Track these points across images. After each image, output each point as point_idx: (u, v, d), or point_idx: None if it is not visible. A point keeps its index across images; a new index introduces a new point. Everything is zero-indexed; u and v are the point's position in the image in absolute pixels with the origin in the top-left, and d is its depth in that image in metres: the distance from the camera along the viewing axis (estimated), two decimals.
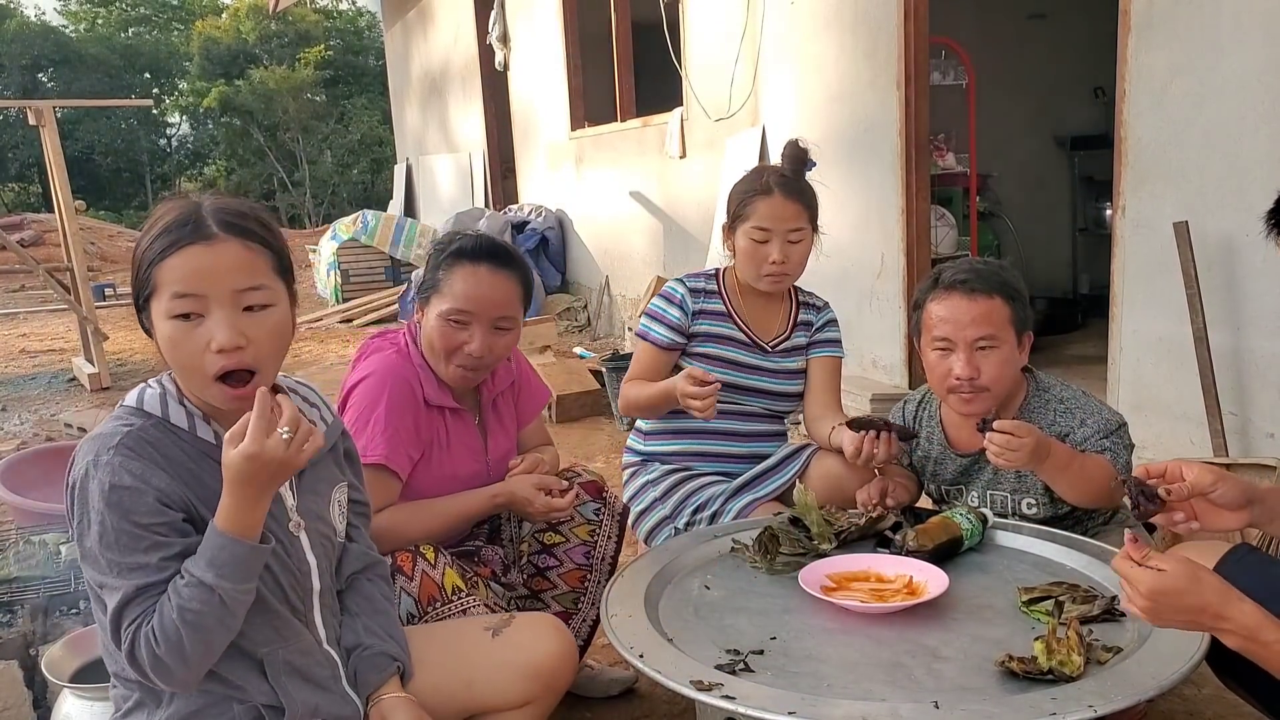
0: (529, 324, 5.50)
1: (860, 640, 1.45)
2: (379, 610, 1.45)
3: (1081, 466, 1.76)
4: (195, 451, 1.26)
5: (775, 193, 2.11)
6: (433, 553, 1.70)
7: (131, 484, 1.18)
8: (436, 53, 10.28)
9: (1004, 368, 1.82)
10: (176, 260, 1.19)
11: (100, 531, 1.17)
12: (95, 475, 1.18)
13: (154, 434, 1.24)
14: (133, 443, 1.21)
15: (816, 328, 2.28)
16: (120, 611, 1.18)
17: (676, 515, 2.14)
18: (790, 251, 2.12)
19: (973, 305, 1.80)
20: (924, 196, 3.94)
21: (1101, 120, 5.78)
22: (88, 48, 24.60)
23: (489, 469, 1.90)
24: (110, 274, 12.88)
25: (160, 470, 1.21)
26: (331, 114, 23.74)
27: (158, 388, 1.29)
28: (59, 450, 3.23)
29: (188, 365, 1.22)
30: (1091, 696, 1.23)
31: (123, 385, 5.89)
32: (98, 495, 1.18)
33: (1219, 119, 2.67)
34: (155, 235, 1.21)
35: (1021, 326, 1.85)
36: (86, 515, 1.18)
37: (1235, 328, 2.71)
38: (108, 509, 1.17)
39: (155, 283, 1.20)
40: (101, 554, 1.18)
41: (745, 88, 4.91)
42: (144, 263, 1.21)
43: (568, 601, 1.96)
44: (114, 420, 1.25)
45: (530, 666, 1.47)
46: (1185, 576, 1.15)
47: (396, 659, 1.39)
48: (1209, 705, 1.96)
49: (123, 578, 1.17)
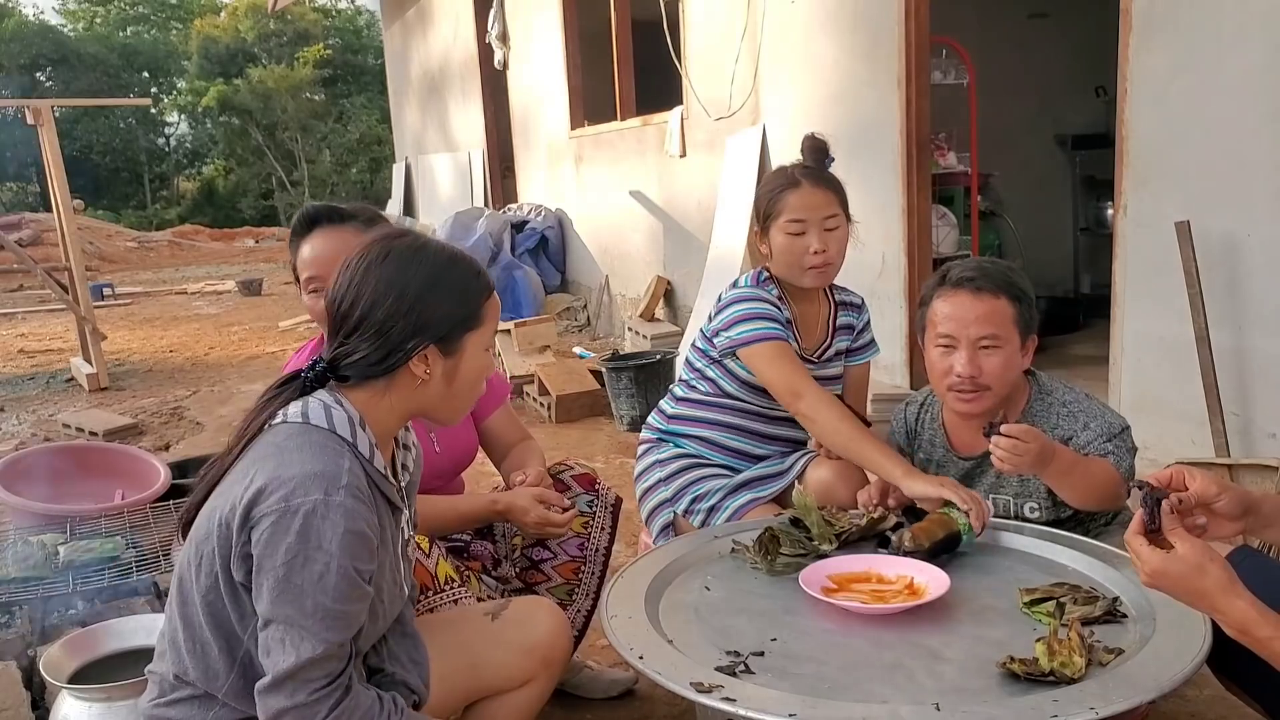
0: (528, 323, 5.50)
1: (861, 642, 1.44)
2: (407, 634, 1.44)
3: (1085, 470, 1.75)
4: (371, 482, 1.25)
5: (803, 183, 2.08)
6: (427, 543, 1.71)
7: (365, 531, 1.18)
8: (435, 51, 10.27)
9: (1006, 368, 1.81)
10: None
11: (322, 573, 1.15)
12: (329, 515, 1.15)
13: (359, 469, 1.23)
14: (358, 483, 1.20)
15: (858, 330, 2.25)
16: (311, 663, 1.16)
17: (677, 500, 2.13)
18: (829, 240, 2.07)
19: (978, 303, 1.79)
20: (925, 196, 3.93)
21: (1103, 119, 5.78)
22: (86, 47, 24.60)
23: (436, 447, 1.91)
24: (108, 274, 12.89)
25: (374, 514, 1.22)
26: (330, 113, 23.75)
27: (341, 409, 1.26)
28: (57, 451, 3.23)
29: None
30: (1093, 698, 1.22)
31: (121, 385, 5.89)
32: (333, 538, 1.15)
33: (1220, 118, 2.66)
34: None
35: (1026, 329, 1.83)
36: (308, 553, 1.15)
37: (1237, 327, 2.70)
38: (341, 553, 1.16)
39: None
40: (314, 594, 1.15)
41: (746, 86, 4.91)
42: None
43: (562, 593, 1.97)
44: (321, 450, 1.21)
45: (528, 643, 1.52)
46: (1190, 562, 1.17)
47: (415, 691, 1.39)
48: (1210, 707, 1.95)
49: (325, 624, 1.15)
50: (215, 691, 1.24)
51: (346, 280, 1.28)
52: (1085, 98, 5.95)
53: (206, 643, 1.23)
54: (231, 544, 1.19)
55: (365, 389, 1.28)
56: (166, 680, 1.28)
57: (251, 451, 1.25)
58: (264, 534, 1.16)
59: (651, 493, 2.18)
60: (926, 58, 3.86)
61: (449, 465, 1.95)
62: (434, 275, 1.27)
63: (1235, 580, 1.16)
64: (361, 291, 1.26)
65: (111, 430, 4.54)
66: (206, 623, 1.23)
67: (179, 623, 1.26)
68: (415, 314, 1.25)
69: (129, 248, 15.82)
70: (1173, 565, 1.18)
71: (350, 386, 1.28)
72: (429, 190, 10.59)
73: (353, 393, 1.28)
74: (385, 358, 1.25)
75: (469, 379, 1.32)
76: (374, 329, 1.25)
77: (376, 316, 1.25)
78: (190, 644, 1.25)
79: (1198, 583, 1.16)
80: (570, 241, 7.64)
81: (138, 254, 15.48)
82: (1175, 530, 1.20)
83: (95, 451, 3.27)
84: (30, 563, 2.10)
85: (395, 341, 1.25)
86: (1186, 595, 1.19)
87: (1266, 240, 2.60)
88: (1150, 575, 1.20)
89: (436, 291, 1.27)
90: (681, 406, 2.23)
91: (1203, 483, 1.26)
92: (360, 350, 1.25)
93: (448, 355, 1.29)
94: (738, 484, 2.13)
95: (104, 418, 4.82)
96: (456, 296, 1.29)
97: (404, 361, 1.26)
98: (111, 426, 4.59)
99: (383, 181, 20.93)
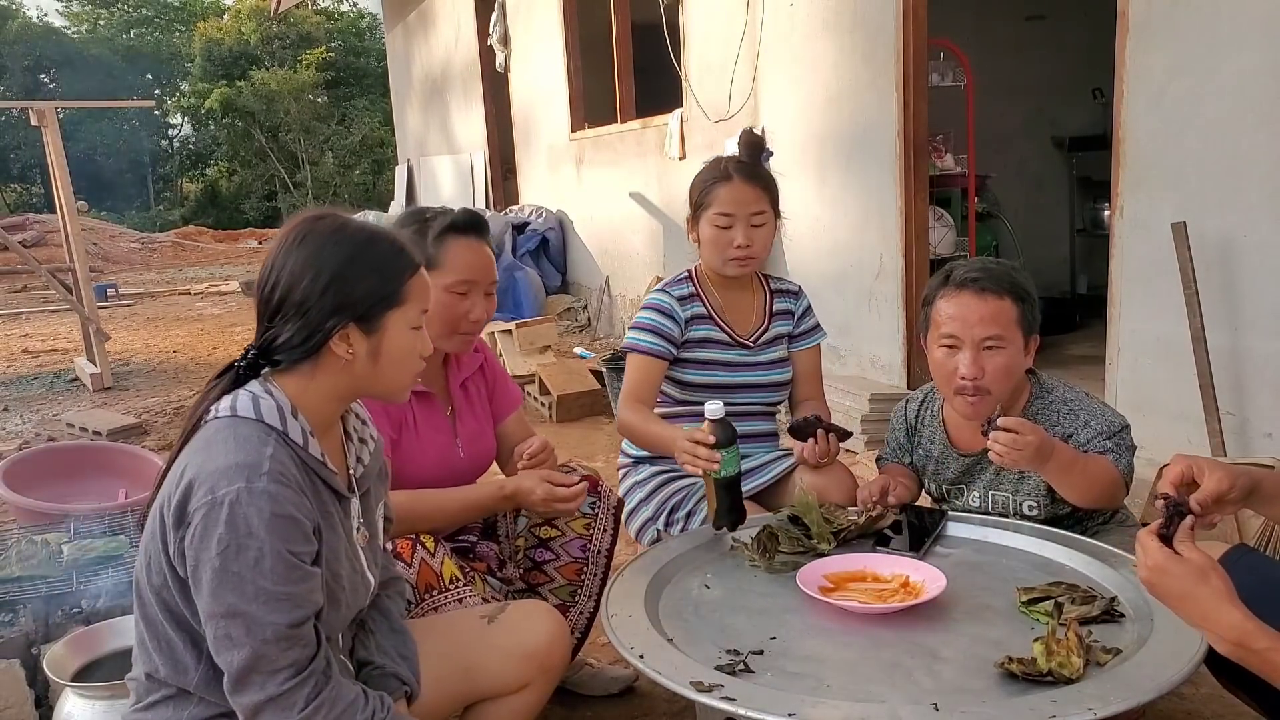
0: (529, 324, 5.51)
1: (860, 641, 1.45)
2: (395, 629, 1.45)
3: (1085, 467, 1.76)
4: (307, 469, 1.26)
5: (734, 178, 2.14)
6: (433, 542, 1.71)
7: (293, 515, 1.19)
8: (437, 54, 10.29)
9: (1008, 369, 1.81)
10: None
11: (257, 558, 1.16)
12: (253, 502, 1.17)
13: (284, 455, 1.23)
14: (281, 469, 1.21)
15: (799, 316, 2.29)
16: (265, 649, 1.16)
17: (658, 516, 2.17)
18: (754, 235, 2.13)
19: (983, 304, 1.80)
20: (922, 197, 3.94)
21: (1100, 121, 5.79)
22: (90, 49, 24.64)
23: (460, 451, 1.91)
24: (112, 274, 12.91)
25: (304, 497, 1.23)
26: (333, 115, 23.76)
27: (270, 398, 1.27)
28: (61, 450, 3.25)
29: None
30: (1091, 698, 1.23)
31: (124, 385, 5.91)
32: (260, 524, 1.16)
33: (1217, 120, 2.67)
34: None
35: (1029, 329, 1.84)
36: (240, 541, 1.16)
37: (1233, 328, 2.71)
38: (271, 537, 1.17)
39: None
40: (254, 580, 1.16)
41: (745, 89, 4.92)
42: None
43: (564, 595, 1.98)
44: (244, 441, 1.22)
45: (524, 648, 1.51)
46: (1194, 566, 1.16)
47: (406, 683, 1.40)
48: (1207, 705, 1.96)
49: (269, 608, 1.16)
50: (188, 686, 1.25)
51: (269, 264, 1.29)
52: (1082, 100, 5.96)
53: (170, 639, 1.25)
54: (169, 540, 1.20)
55: (295, 374, 1.29)
56: (142, 683, 1.30)
57: (187, 447, 1.26)
58: (196, 529, 1.17)
59: (635, 513, 2.22)
60: (924, 60, 3.87)
61: (469, 466, 1.93)
62: (351, 254, 1.27)
63: (1234, 593, 1.15)
64: (281, 274, 1.27)
65: (115, 430, 4.55)
66: (166, 620, 1.25)
67: (143, 624, 1.28)
68: (332, 292, 1.25)
69: (133, 249, 15.85)
70: (1175, 565, 1.18)
71: (282, 373, 1.29)
72: (431, 192, 10.60)
73: (284, 380, 1.29)
74: (307, 339, 1.26)
75: (395, 358, 1.31)
76: (294, 310, 1.26)
77: (295, 297, 1.25)
78: (156, 642, 1.26)
79: (1196, 587, 1.16)
80: (571, 243, 7.65)
81: (141, 255, 15.51)
82: (1186, 544, 1.20)
83: (99, 451, 3.29)
84: (34, 561, 2.12)
85: (315, 322, 1.25)
86: (1181, 600, 1.18)
87: (1262, 241, 2.61)
88: (1150, 570, 1.20)
89: (353, 269, 1.27)
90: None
91: (1214, 481, 1.25)
92: (285, 333, 1.26)
93: (369, 334, 1.29)
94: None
95: (108, 417, 4.84)
96: (375, 274, 1.28)
97: (325, 341, 1.26)
98: (115, 426, 4.60)
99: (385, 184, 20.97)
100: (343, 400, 1.34)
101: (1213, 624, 1.16)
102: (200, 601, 1.19)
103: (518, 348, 5.32)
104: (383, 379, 1.33)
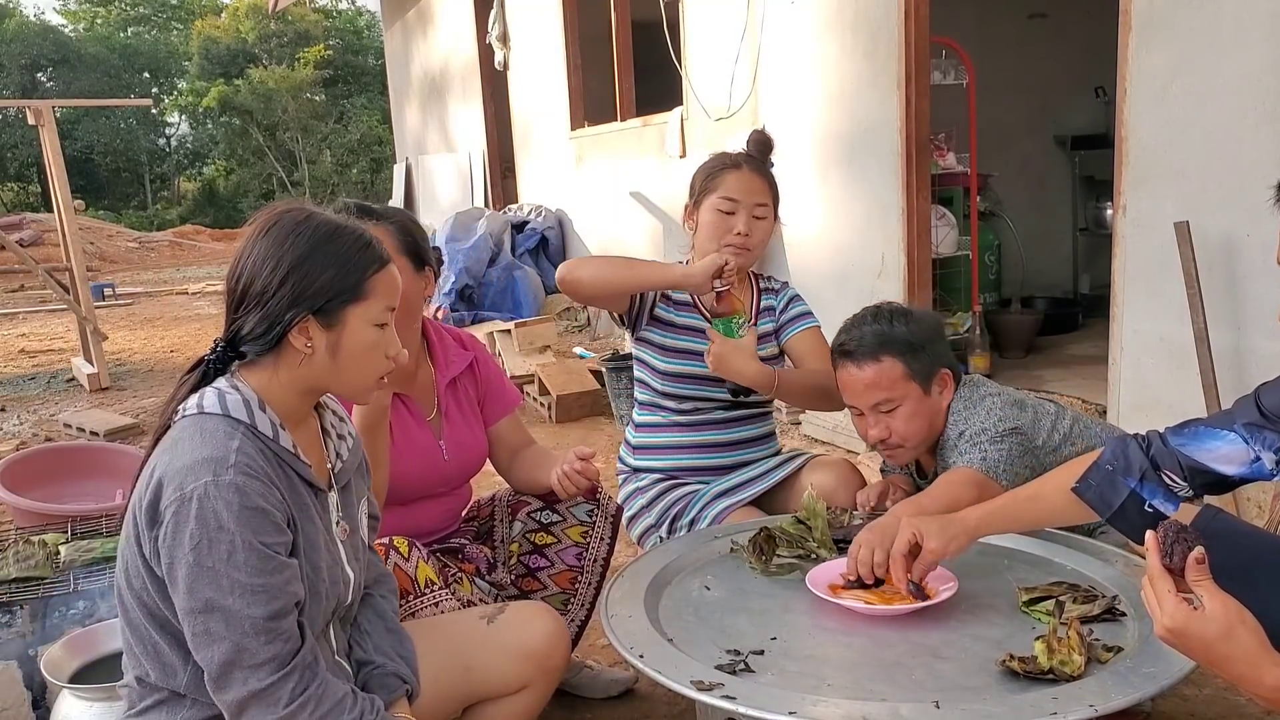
0: (528, 324, 5.50)
1: (861, 640, 1.45)
2: (391, 629, 1.44)
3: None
4: (279, 461, 1.26)
5: (744, 167, 2.14)
6: (406, 545, 1.68)
7: (263, 506, 1.19)
8: (436, 52, 10.27)
9: (912, 421, 1.85)
10: None
11: (230, 551, 1.16)
12: (220, 495, 1.17)
13: (251, 448, 1.23)
14: (249, 461, 1.21)
15: (781, 309, 2.26)
16: (245, 642, 1.16)
17: (660, 523, 2.16)
18: (754, 226, 2.12)
19: (861, 374, 1.85)
20: (924, 196, 3.93)
21: (1102, 120, 5.78)
22: (87, 47, 24.62)
23: (445, 455, 1.89)
24: (109, 274, 12.90)
25: (275, 489, 1.22)
26: (331, 113, 23.76)
27: (236, 393, 1.27)
28: (58, 451, 3.23)
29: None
30: (1092, 696, 1.23)
31: (122, 385, 5.89)
32: (229, 517, 1.16)
33: (1220, 118, 2.67)
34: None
35: (927, 373, 1.85)
36: (211, 535, 1.16)
37: (1236, 327, 2.71)
38: (242, 529, 1.16)
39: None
40: (228, 573, 1.16)
41: (745, 87, 4.91)
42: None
43: (557, 603, 1.95)
44: (210, 436, 1.22)
45: (524, 648, 1.51)
46: (1218, 625, 1.06)
47: (406, 681, 1.39)
48: (1210, 705, 1.95)
49: (246, 601, 1.16)
50: (178, 688, 1.25)
51: (236, 255, 1.29)
52: (1085, 98, 5.95)
53: (155, 642, 1.25)
54: (144, 541, 1.20)
55: (260, 368, 1.29)
56: (134, 689, 1.29)
57: (157, 447, 1.27)
58: (168, 527, 1.17)
59: (637, 520, 2.20)
60: (926, 58, 3.86)
61: (457, 471, 1.92)
62: (311, 246, 1.27)
63: (1267, 646, 1.05)
64: (245, 265, 1.27)
65: (113, 430, 4.54)
66: (149, 623, 1.24)
67: (128, 630, 1.28)
68: (290, 283, 1.25)
69: (130, 248, 15.84)
70: (1196, 625, 1.06)
71: (248, 367, 1.29)
72: (429, 191, 10.59)
73: (250, 374, 1.29)
74: (267, 330, 1.26)
75: (354, 353, 1.30)
76: (255, 301, 1.26)
77: (256, 288, 1.25)
78: (142, 646, 1.26)
79: (1223, 649, 1.05)
80: (570, 241, 7.64)
81: (139, 254, 15.49)
82: (1203, 583, 1.09)
83: (96, 452, 3.28)
84: (31, 562, 2.11)
85: (275, 313, 1.25)
86: (1209, 663, 1.08)
87: (1265, 240, 2.60)
88: (1169, 632, 1.09)
89: (313, 262, 1.26)
90: (641, 434, 2.26)
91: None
92: (248, 324, 1.26)
93: (328, 328, 1.28)
94: (717, 492, 2.14)
95: (105, 418, 4.82)
96: (334, 267, 1.27)
97: (284, 333, 1.26)
98: (112, 426, 4.59)
99: (383, 182, 20.93)
100: (306, 395, 1.33)
101: (1251, 685, 1.06)
102: (177, 599, 1.18)
103: (517, 348, 5.31)
104: (343, 375, 1.31)
